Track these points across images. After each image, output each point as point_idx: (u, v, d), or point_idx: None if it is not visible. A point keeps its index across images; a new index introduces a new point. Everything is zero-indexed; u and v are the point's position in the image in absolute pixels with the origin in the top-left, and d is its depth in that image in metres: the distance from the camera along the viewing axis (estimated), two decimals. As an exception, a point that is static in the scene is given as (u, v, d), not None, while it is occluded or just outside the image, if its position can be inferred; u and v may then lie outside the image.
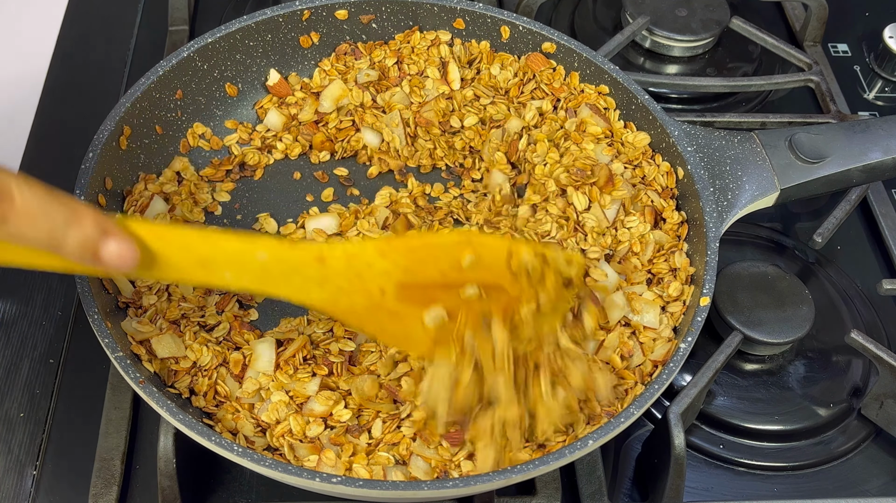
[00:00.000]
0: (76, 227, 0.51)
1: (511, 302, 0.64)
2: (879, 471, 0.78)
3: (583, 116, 0.82)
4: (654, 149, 0.80)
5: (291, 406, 0.68)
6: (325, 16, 0.86)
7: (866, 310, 0.87)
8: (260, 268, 0.60)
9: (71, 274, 0.58)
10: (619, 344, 0.71)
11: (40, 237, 0.50)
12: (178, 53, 0.80)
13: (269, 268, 0.60)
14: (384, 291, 0.62)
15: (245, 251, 0.60)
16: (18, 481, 0.73)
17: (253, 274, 0.60)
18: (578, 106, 0.83)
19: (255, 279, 0.60)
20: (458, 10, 0.86)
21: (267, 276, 0.60)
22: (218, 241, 0.59)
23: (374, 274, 0.62)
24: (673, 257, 0.75)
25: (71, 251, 0.52)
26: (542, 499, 0.72)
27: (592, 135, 0.81)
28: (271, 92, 0.86)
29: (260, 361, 0.70)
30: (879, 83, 1.08)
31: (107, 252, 0.53)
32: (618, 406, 0.68)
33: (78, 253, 0.52)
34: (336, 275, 0.61)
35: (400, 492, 0.60)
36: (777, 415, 0.80)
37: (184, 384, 0.69)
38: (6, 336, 0.81)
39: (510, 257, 0.64)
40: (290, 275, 0.61)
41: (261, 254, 0.60)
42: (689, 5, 1.06)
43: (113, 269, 0.55)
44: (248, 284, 0.61)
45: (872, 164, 0.77)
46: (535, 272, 0.64)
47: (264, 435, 0.68)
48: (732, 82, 1.01)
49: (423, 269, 0.63)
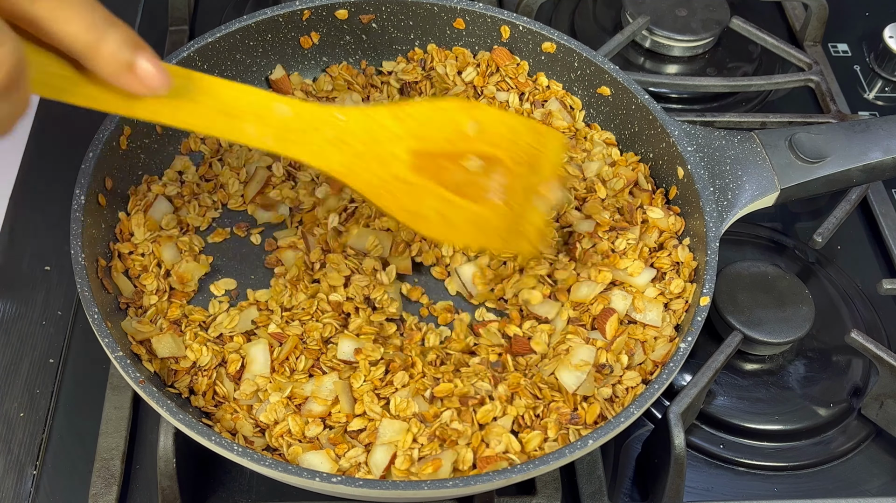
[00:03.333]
0: (115, 30, 0.48)
1: (508, 174, 0.66)
2: (879, 471, 0.78)
3: (551, 109, 0.84)
4: (649, 151, 0.81)
5: (290, 406, 0.68)
6: (325, 16, 0.86)
7: (866, 310, 0.87)
8: (281, 124, 0.60)
9: (95, 108, 0.55)
10: (623, 344, 0.71)
11: (80, 33, 0.47)
12: (178, 53, 0.80)
13: (290, 125, 0.60)
14: (397, 157, 0.63)
15: (268, 103, 0.60)
16: (18, 481, 0.73)
17: (274, 129, 0.60)
18: (546, 100, 0.85)
19: (276, 136, 0.60)
20: (458, 10, 0.86)
21: (287, 134, 0.60)
22: (243, 90, 0.59)
23: (388, 136, 0.63)
24: (676, 251, 0.75)
25: (106, 58, 0.48)
26: (542, 499, 0.72)
27: (559, 128, 0.84)
28: (272, 87, 0.86)
29: (255, 365, 0.70)
30: (879, 83, 1.08)
31: (141, 67, 0.50)
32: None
33: (113, 61, 0.49)
34: (352, 136, 0.62)
35: (400, 492, 0.60)
36: (777, 415, 0.80)
37: (184, 384, 0.69)
38: (6, 336, 0.81)
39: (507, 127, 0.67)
40: (309, 133, 0.61)
41: (282, 107, 0.60)
42: (689, 5, 1.06)
43: (144, 89, 0.51)
44: (269, 141, 0.61)
45: (872, 164, 0.77)
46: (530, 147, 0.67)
47: (263, 435, 0.68)
48: (732, 82, 1.01)
49: (432, 135, 0.64)
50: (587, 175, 0.80)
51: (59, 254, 0.86)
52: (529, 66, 0.87)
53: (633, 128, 0.82)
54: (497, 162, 0.65)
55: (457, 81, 0.86)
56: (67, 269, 0.67)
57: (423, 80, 0.87)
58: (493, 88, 0.86)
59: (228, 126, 0.59)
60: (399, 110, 0.64)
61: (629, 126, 0.83)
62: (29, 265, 0.86)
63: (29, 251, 0.86)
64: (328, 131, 0.61)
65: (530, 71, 0.87)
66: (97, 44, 0.48)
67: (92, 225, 0.71)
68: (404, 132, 0.63)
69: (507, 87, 0.86)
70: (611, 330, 0.71)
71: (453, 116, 0.65)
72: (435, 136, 0.64)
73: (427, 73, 0.88)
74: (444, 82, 0.86)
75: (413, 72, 0.87)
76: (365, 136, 0.62)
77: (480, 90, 0.86)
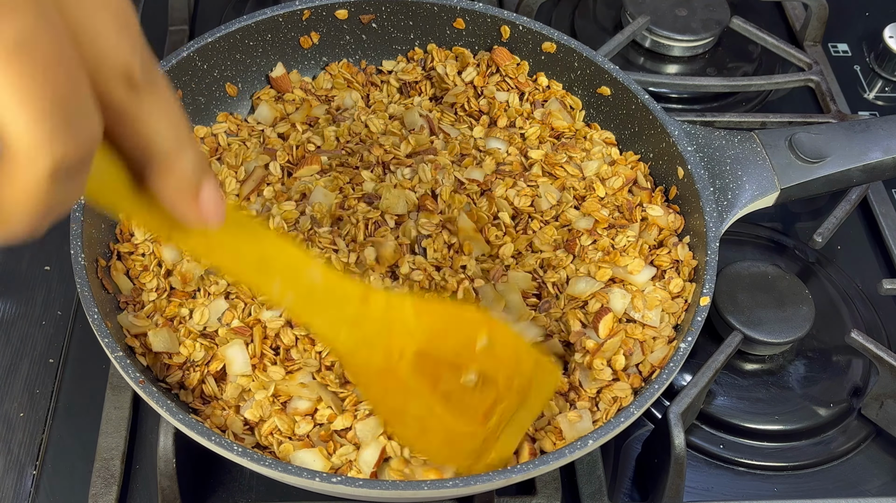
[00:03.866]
0: (194, 147, 0.44)
1: (497, 398, 0.63)
2: (879, 471, 0.78)
3: (551, 109, 0.84)
4: (649, 151, 0.80)
5: (276, 404, 0.68)
6: (325, 16, 0.86)
7: (866, 310, 0.87)
8: (307, 290, 0.57)
9: (131, 222, 0.50)
10: (620, 343, 0.71)
11: (166, 139, 0.42)
12: (178, 53, 0.80)
13: (315, 292, 0.57)
14: (403, 355, 0.60)
15: (302, 264, 0.57)
16: (18, 481, 0.73)
17: (299, 292, 0.57)
18: (547, 99, 0.85)
19: (299, 299, 0.57)
20: (458, 10, 0.86)
21: (310, 300, 0.57)
22: (282, 248, 0.56)
23: (402, 332, 0.60)
24: (676, 249, 0.75)
25: (177, 174, 0.44)
26: (542, 499, 0.72)
27: (558, 128, 0.83)
28: (273, 85, 0.86)
29: (234, 366, 0.69)
30: (879, 83, 1.08)
31: (206, 194, 0.45)
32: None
33: (183, 179, 0.44)
34: (370, 321, 0.59)
35: (400, 492, 0.60)
36: (777, 415, 0.80)
37: (175, 379, 0.69)
38: (6, 336, 0.81)
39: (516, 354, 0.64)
40: (330, 306, 0.58)
41: (314, 272, 0.57)
42: (689, 5, 1.06)
43: (198, 219, 0.46)
44: (291, 302, 0.58)
45: (872, 164, 0.77)
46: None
47: (253, 433, 0.67)
48: (732, 82, 1.01)
49: (443, 340, 0.62)
50: (586, 174, 0.80)
51: (59, 255, 0.86)
52: (529, 66, 0.87)
53: (633, 128, 0.82)
54: (492, 383, 0.63)
55: (457, 81, 0.86)
56: (67, 269, 0.67)
57: (423, 80, 0.87)
58: (494, 88, 0.86)
59: (257, 276, 0.55)
60: (421, 306, 0.61)
61: (629, 126, 0.83)
62: (29, 265, 0.86)
63: (29, 251, 0.86)
64: (349, 309, 0.58)
65: (530, 71, 0.87)
66: (176, 154, 0.43)
67: (92, 225, 0.70)
68: (419, 332, 0.60)
69: (508, 87, 0.86)
70: (605, 328, 0.71)
71: (469, 328, 0.62)
72: (446, 343, 0.62)
73: (427, 73, 0.88)
74: (443, 82, 0.86)
75: (413, 71, 0.87)
76: (380, 325, 0.60)
77: (480, 90, 0.86)
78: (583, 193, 0.80)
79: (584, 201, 0.79)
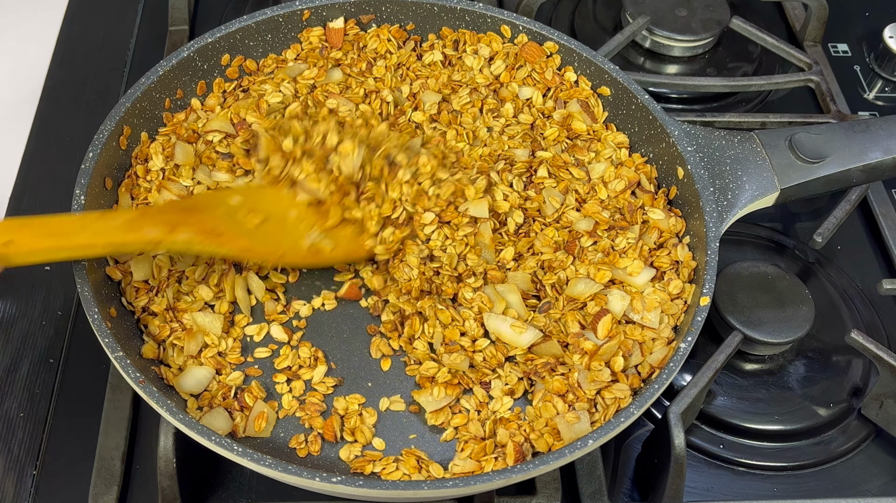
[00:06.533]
0: None
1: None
2: (879, 471, 0.79)
3: (571, 110, 0.83)
4: (649, 151, 0.81)
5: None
6: (325, 16, 0.86)
7: (866, 310, 0.87)
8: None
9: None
10: (618, 345, 0.71)
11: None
12: (178, 53, 0.80)
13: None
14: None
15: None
16: (18, 481, 0.74)
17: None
18: (570, 99, 0.84)
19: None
20: (458, 10, 0.86)
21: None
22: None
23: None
24: (675, 250, 0.75)
25: None
26: (542, 498, 0.72)
27: (576, 130, 0.83)
28: (326, 36, 0.86)
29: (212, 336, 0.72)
30: (879, 83, 1.08)
31: None
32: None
33: None
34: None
35: (400, 492, 0.60)
36: (777, 415, 0.80)
37: (140, 303, 0.71)
38: (6, 336, 0.82)
39: None
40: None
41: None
42: (689, 5, 1.06)
43: None
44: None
45: (872, 164, 0.78)
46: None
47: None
48: (732, 82, 1.01)
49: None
50: (592, 177, 0.80)
51: (59, 255, 0.86)
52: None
53: (634, 128, 0.82)
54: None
55: (479, 78, 0.85)
56: (67, 269, 0.67)
57: (445, 69, 0.86)
58: (516, 86, 0.85)
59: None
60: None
61: (629, 126, 0.83)
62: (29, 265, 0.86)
63: (29, 251, 0.86)
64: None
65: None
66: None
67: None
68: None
69: (533, 83, 0.85)
70: (603, 330, 0.71)
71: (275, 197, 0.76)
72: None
73: (449, 60, 0.87)
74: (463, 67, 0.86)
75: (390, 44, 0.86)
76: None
77: (503, 84, 0.85)
78: (585, 196, 0.79)
79: (584, 203, 0.79)
